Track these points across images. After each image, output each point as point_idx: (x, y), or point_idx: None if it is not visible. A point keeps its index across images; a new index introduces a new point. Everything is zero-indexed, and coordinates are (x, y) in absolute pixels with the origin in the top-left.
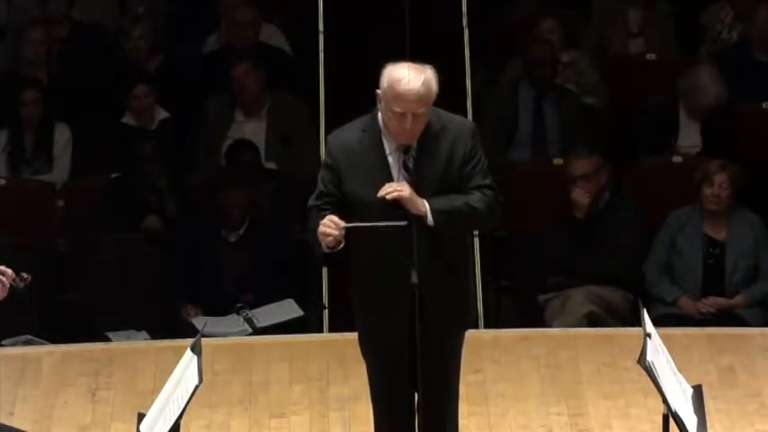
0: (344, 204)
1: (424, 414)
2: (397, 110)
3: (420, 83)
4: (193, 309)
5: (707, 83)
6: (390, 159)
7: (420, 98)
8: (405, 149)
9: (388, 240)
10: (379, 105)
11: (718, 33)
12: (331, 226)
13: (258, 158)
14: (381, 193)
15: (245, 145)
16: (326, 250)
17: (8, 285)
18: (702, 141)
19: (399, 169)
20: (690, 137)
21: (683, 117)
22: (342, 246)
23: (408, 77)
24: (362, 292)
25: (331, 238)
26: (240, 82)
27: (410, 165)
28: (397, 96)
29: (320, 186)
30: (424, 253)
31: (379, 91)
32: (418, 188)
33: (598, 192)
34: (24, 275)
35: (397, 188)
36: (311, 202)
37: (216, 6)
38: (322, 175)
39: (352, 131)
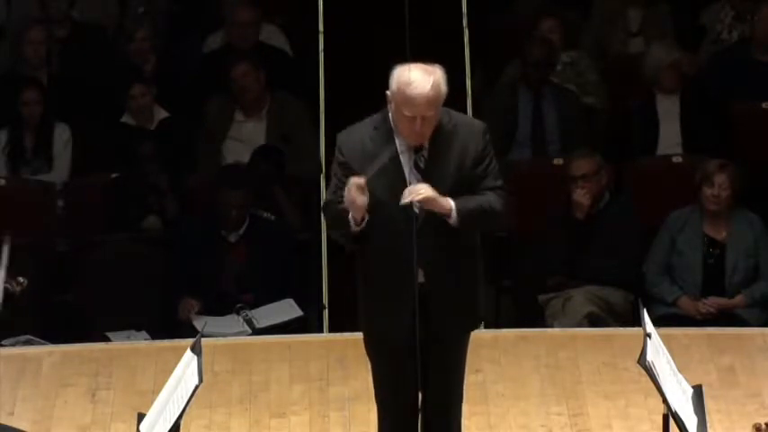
0: None
1: (429, 414)
2: (407, 113)
3: (429, 86)
4: (195, 302)
5: (663, 53)
6: (402, 159)
7: (429, 101)
8: (416, 149)
9: (395, 240)
10: (389, 106)
11: (718, 33)
12: (353, 190)
13: (282, 163)
14: (405, 200)
15: (268, 150)
16: (356, 228)
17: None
18: (683, 137)
19: (411, 169)
20: (672, 136)
21: (662, 113)
22: (367, 221)
23: (417, 81)
24: (369, 292)
25: (359, 201)
26: (240, 82)
27: (421, 164)
28: (407, 100)
29: (334, 182)
30: (432, 253)
31: (388, 92)
32: (433, 185)
33: (599, 192)
34: (20, 279)
35: (419, 191)
36: (327, 197)
37: (216, 6)
38: (335, 171)
39: (363, 130)
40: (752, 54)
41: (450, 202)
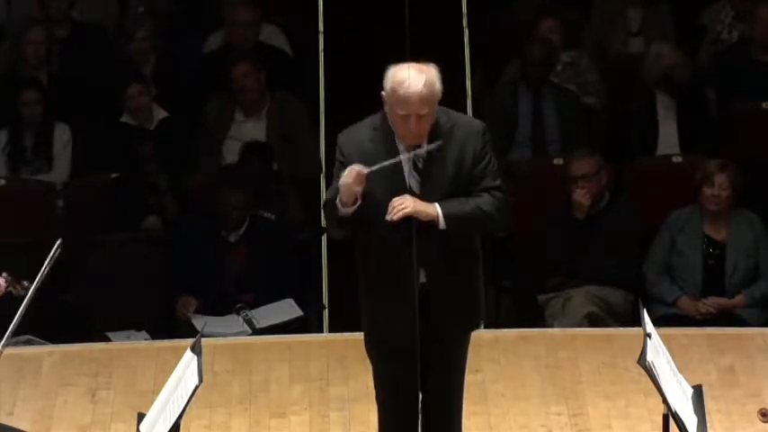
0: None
1: (430, 414)
2: (401, 112)
3: (422, 84)
4: (193, 300)
5: (663, 53)
6: (401, 159)
7: (422, 99)
8: (412, 149)
9: (396, 240)
10: (385, 107)
11: (718, 33)
12: (352, 172)
13: (270, 160)
14: (388, 217)
15: (257, 147)
16: (347, 211)
17: (2, 291)
18: (683, 137)
19: (410, 169)
20: (672, 136)
21: (662, 113)
22: (358, 204)
23: (410, 80)
24: (371, 293)
25: (353, 187)
26: (240, 82)
27: (420, 165)
28: (400, 99)
29: (335, 183)
30: (433, 254)
31: (383, 93)
32: (428, 188)
33: (599, 192)
34: (25, 283)
35: (400, 207)
36: (327, 196)
37: (216, 6)
38: (336, 172)
39: (362, 130)
40: (752, 54)
41: (436, 209)
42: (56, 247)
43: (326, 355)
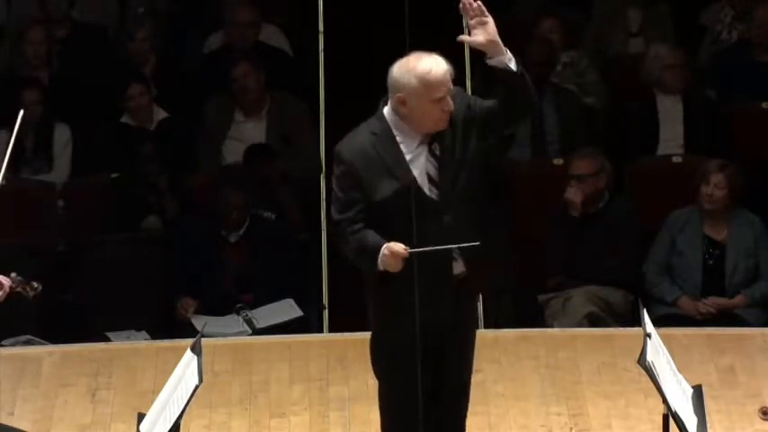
0: (370, 208)
1: (442, 414)
2: (439, 95)
3: (442, 61)
4: (192, 302)
5: (663, 53)
6: (410, 156)
7: (450, 74)
8: (429, 141)
9: (419, 236)
10: (400, 108)
11: (718, 33)
12: (397, 257)
13: (274, 162)
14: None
15: (259, 148)
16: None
17: (7, 291)
18: (683, 137)
19: (427, 156)
20: (672, 136)
21: (662, 113)
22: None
23: (432, 63)
24: (395, 292)
25: (400, 265)
26: (240, 82)
27: (437, 151)
28: (435, 83)
29: (341, 198)
30: (468, 240)
31: (400, 94)
32: (447, 171)
33: (593, 191)
34: (35, 284)
35: (484, 18)
36: (337, 216)
37: (216, 6)
38: (339, 185)
39: (361, 136)
40: (752, 54)
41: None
42: (20, 116)
43: (326, 355)
